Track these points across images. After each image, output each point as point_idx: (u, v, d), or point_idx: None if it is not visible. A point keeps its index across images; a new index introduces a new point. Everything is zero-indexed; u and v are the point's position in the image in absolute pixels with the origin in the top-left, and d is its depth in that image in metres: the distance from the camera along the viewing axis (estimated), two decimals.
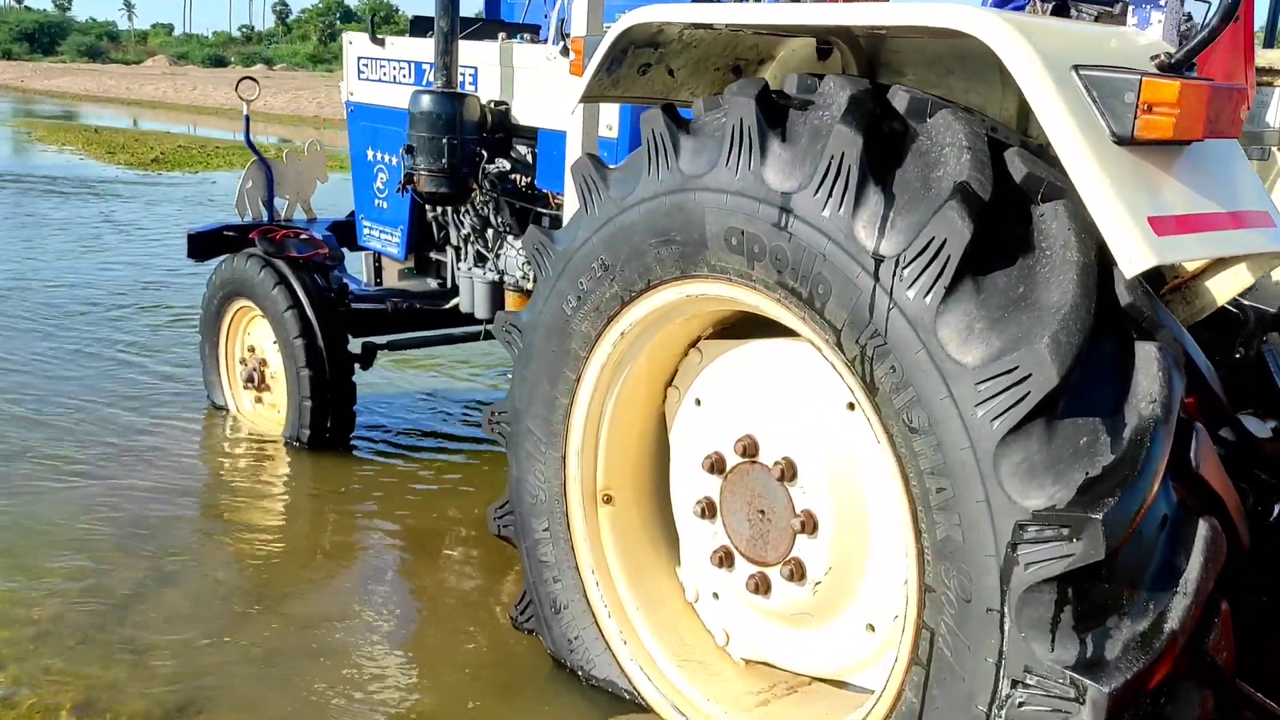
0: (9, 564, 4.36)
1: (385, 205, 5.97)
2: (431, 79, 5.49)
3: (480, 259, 5.61)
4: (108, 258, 11.01)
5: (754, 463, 3.10)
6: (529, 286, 5.30)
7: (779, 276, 2.73)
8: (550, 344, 3.42)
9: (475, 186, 5.10)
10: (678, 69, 3.54)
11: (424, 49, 5.58)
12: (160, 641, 3.85)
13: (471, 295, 5.60)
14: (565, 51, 4.65)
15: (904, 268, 2.46)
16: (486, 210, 5.38)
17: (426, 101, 4.98)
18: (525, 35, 5.90)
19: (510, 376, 3.65)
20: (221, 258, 5.88)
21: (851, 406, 2.91)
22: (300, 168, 6.59)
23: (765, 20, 3.07)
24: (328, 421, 5.46)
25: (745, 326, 3.29)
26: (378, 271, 6.35)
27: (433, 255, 6.02)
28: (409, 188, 5.09)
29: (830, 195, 2.58)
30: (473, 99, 5.04)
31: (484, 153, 5.08)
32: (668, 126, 2.97)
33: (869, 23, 2.68)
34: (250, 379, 5.78)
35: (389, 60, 5.82)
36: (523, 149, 5.29)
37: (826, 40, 3.50)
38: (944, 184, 2.49)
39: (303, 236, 5.71)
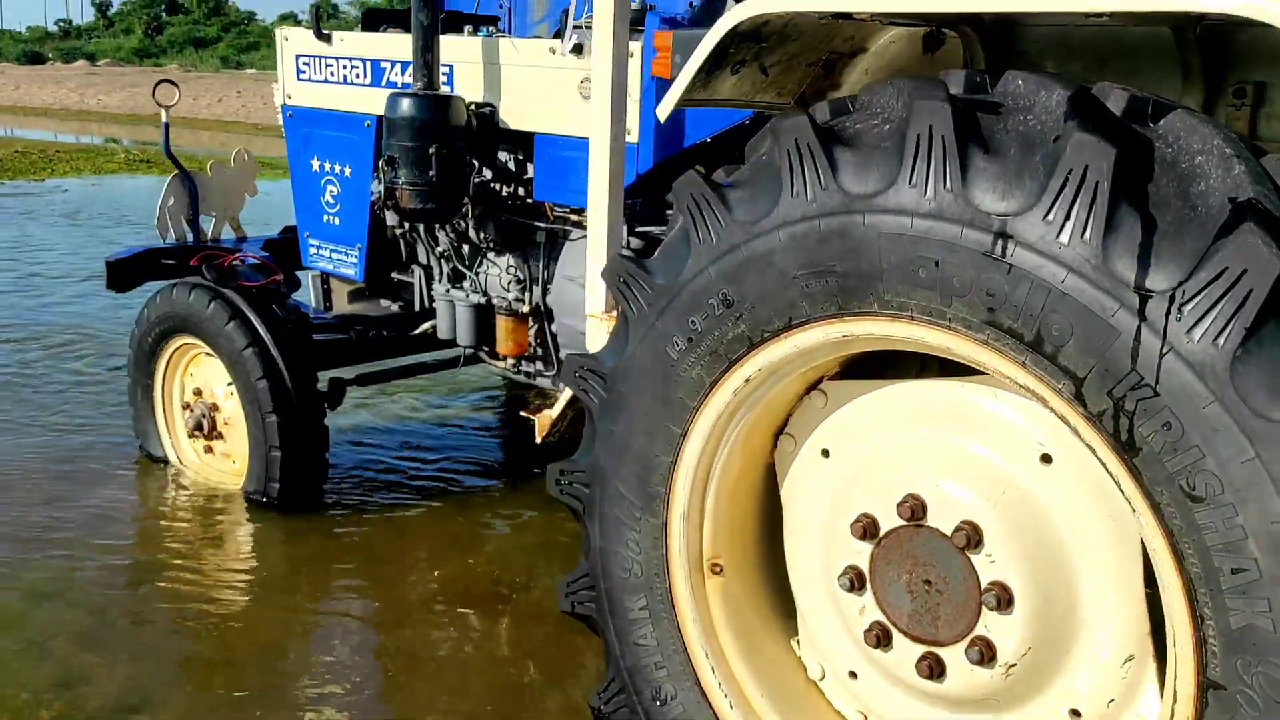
0: None
1: (338, 221, 5.32)
2: (395, 79, 4.90)
3: (456, 278, 5.03)
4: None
5: (920, 527, 2.65)
6: (524, 310, 4.77)
7: (990, 315, 2.28)
8: (648, 393, 2.90)
9: (467, 200, 4.52)
10: (771, 65, 3.06)
11: (382, 45, 4.97)
12: None
13: (452, 319, 5.02)
14: (579, 49, 4.12)
15: (1183, 304, 2.03)
16: (465, 225, 4.80)
17: (407, 105, 4.37)
18: (490, 28, 5.34)
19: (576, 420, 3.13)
20: (159, 288, 5.13)
21: (1047, 459, 2.50)
22: (227, 180, 5.87)
23: (958, 8, 2.57)
24: (299, 472, 4.79)
25: (865, 364, 2.86)
26: (326, 294, 5.69)
27: (395, 275, 5.40)
28: (390, 204, 4.48)
29: (1068, 218, 2.14)
30: (459, 101, 4.46)
31: (475, 163, 4.51)
32: (818, 136, 2.48)
33: (1132, 8, 2.23)
34: (199, 426, 5.06)
35: (338, 58, 5.17)
36: (506, 156, 4.74)
37: (940, 28, 3.08)
38: (1213, 201, 2.07)
39: (251, 261, 5.02)
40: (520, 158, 4.71)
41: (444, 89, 4.70)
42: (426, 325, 5.28)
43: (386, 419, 6.35)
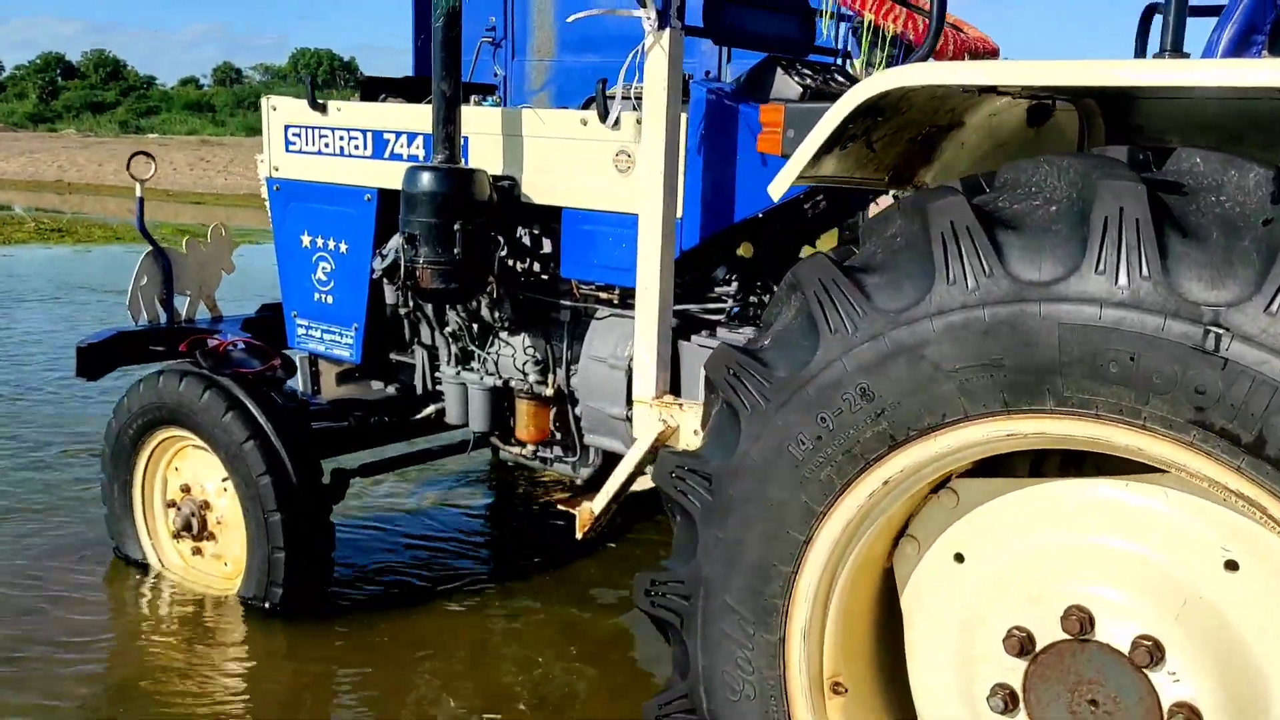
0: None
1: (331, 300, 4.98)
2: (400, 150, 4.64)
3: (465, 359, 4.73)
4: None
5: (1086, 642, 2.42)
6: (547, 393, 4.48)
7: (1198, 414, 2.07)
8: (765, 496, 2.64)
9: (492, 279, 4.24)
10: (878, 139, 2.87)
11: (385, 115, 4.69)
12: None
13: (463, 403, 4.71)
14: (614, 120, 3.91)
15: None
16: (479, 303, 4.52)
17: (428, 179, 4.09)
18: (491, 97, 5.11)
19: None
20: (142, 375, 4.71)
21: (1232, 566, 2.29)
22: (203, 257, 5.50)
23: (1127, 81, 2.38)
24: (304, 575, 4.40)
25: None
26: (315, 377, 5.32)
27: (394, 356, 5.07)
28: (409, 284, 4.17)
29: None
30: (482, 175, 4.20)
31: (500, 239, 4.24)
32: (979, 218, 2.28)
33: None
34: (187, 526, 4.64)
35: (334, 129, 4.86)
36: (524, 231, 4.48)
37: (1055, 99, 2.92)
38: None
39: (244, 345, 4.65)
40: (536, 232, 4.46)
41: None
42: (431, 409, 4.96)
43: (377, 506, 5.94)
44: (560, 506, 3.98)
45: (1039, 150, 2.98)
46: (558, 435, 4.60)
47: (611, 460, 4.74)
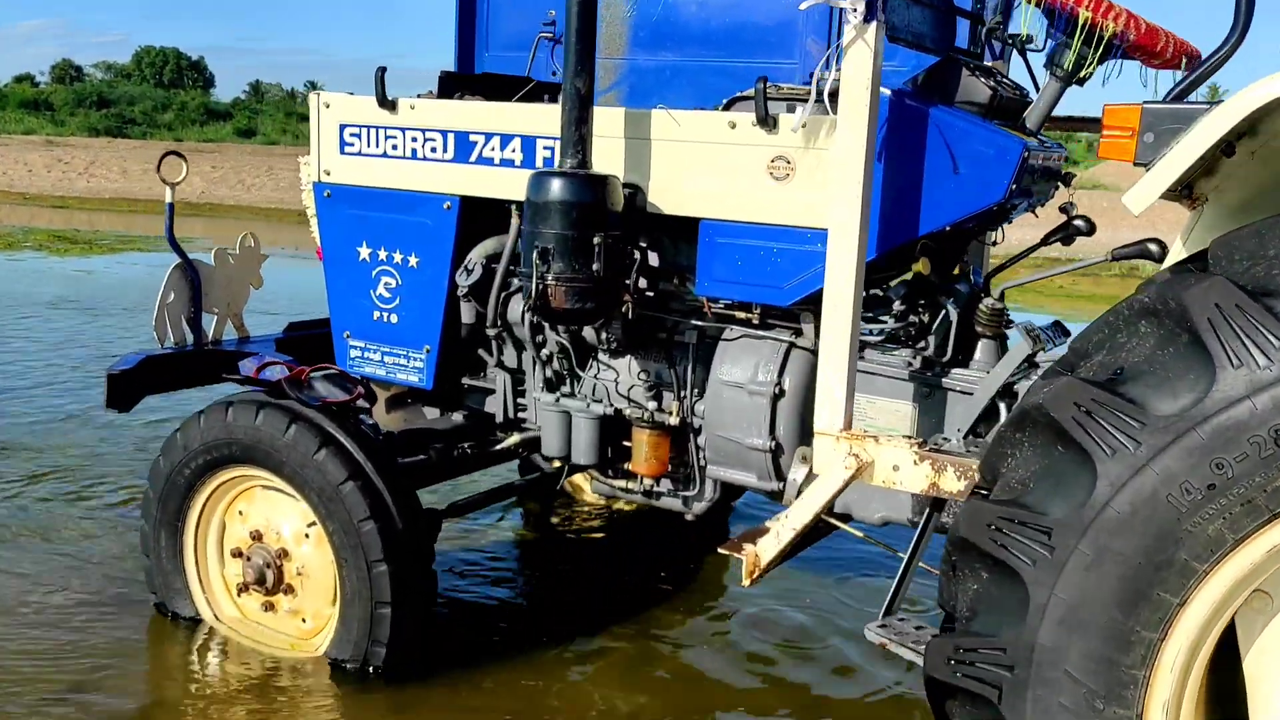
0: None
1: (396, 319, 4.47)
2: (490, 154, 4.19)
3: (558, 383, 4.30)
4: None
5: None
6: (670, 422, 4.08)
7: None
8: (1128, 552, 2.32)
9: (628, 298, 3.82)
10: None
11: (474, 115, 4.22)
12: None
13: (563, 434, 4.25)
14: (771, 123, 3.56)
15: None
16: None
17: (558, 187, 3.63)
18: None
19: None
20: (206, 407, 4.07)
21: None
22: (232, 271, 4.89)
23: None
24: (410, 632, 3.87)
25: None
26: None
27: (467, 381, 4.59)
28: (538, 304, 3.70)
29: None
30: (615, 182, 3.77)
31: (636, 254, 3.83)
32: None
33: None
34: (260, 579, 4.04)
35: (405, 129, 4.34)
36: (644, 242, 4.07)
37: None
38: None
39: (324, 372, 4.09)
40: (645, 245, 4.05)
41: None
42: (515, 438, 4.48)
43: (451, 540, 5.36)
44: (722, 550, 3.56)
45: None
46: (668, 467, 4.20)
47: (730, 494, 4.38)
